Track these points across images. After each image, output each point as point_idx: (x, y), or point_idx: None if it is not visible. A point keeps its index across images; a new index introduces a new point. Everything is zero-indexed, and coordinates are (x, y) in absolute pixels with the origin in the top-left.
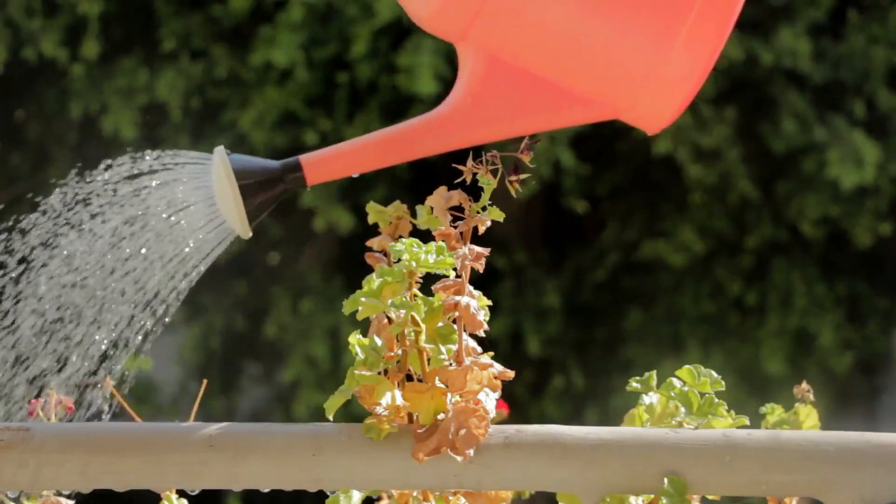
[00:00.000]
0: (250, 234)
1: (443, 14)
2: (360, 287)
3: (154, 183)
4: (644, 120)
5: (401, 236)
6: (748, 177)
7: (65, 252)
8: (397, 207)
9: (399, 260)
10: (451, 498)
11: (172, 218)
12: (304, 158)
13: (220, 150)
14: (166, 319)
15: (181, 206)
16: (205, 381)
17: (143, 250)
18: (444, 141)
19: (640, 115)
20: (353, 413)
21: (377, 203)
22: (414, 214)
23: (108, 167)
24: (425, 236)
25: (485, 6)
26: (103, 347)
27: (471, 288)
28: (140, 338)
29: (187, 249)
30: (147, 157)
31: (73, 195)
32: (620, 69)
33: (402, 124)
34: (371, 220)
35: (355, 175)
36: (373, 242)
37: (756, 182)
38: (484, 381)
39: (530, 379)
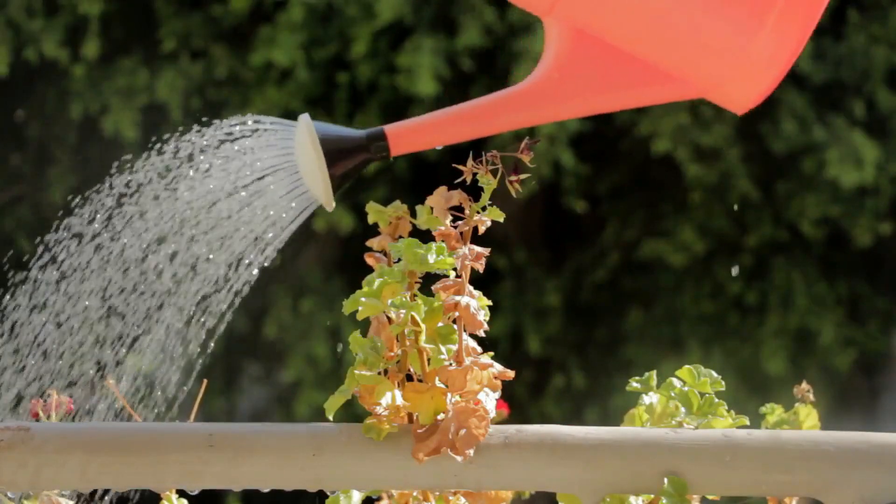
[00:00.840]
0: (333, 205)
1: None
2: (361, 287)
3: (236, 149)
4: (730, 99)
5: (401, 236)
6: (748, 177)
7: (150, 220)
8: (397, 207)
9: (399, 260)
10: (451, 498)
11: (255, 185)
12: (388, 128)
13: (305, 117)
14: (247, 286)
15: (264, 173)
16: (205, 381)
17: (227, 216)
18: (529, 115)
19: (726, 95)
20: (353, 413)
21: (377, 203)
22: (414, 214)
23: (197, 132)
24: (425, 236)
25: None
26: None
27: (471, 288)
28: (227, 304)
29: (269, 217)
30: (230, 124)
31: (161, 160)
32: (709, 47)
33: (487, 97)
34: (371, 220)
35: (438, 147)
36: (373, 242)
37: (756, 182)
38: (484, 381)
39: (530, 379)
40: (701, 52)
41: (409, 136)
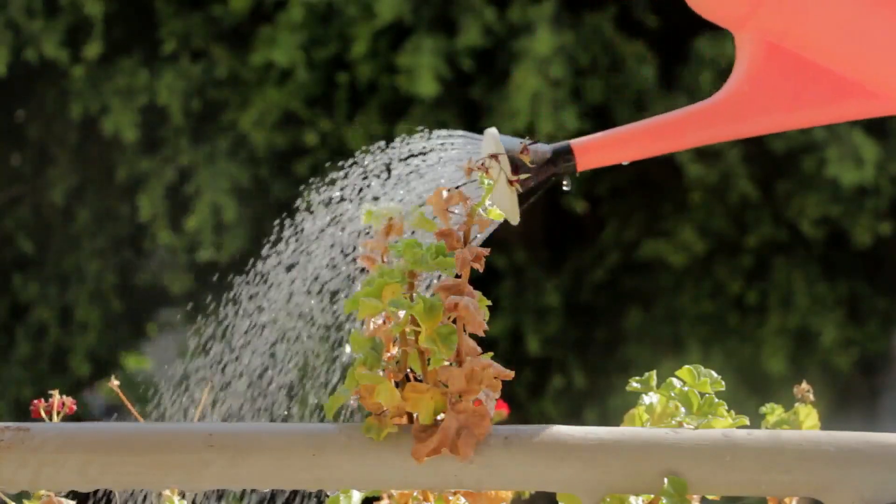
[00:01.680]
0: (518, 220)
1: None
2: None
3: (425, 163)
4: None
5: (396, 238)
6: (748, 177)
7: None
8: (391, 209)
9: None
10: (450, 498)
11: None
12: (575, 143)
13: (492, 130)
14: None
15: (451, 186)
16: (209, 384)
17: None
18: (720, 130)
19: None
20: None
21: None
22: None
23: (386, 147)
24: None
25: None
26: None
27: (471, 288)
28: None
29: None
30: (420, 137)
31: (353, 174)
32: None
33: (676, 112)
34: (365, 221)
35: (625, 163)
36: (367, 244)
37: (756, 182)
38: (484, 381)
39: (530, 379)
40: None
41: (596, 151)
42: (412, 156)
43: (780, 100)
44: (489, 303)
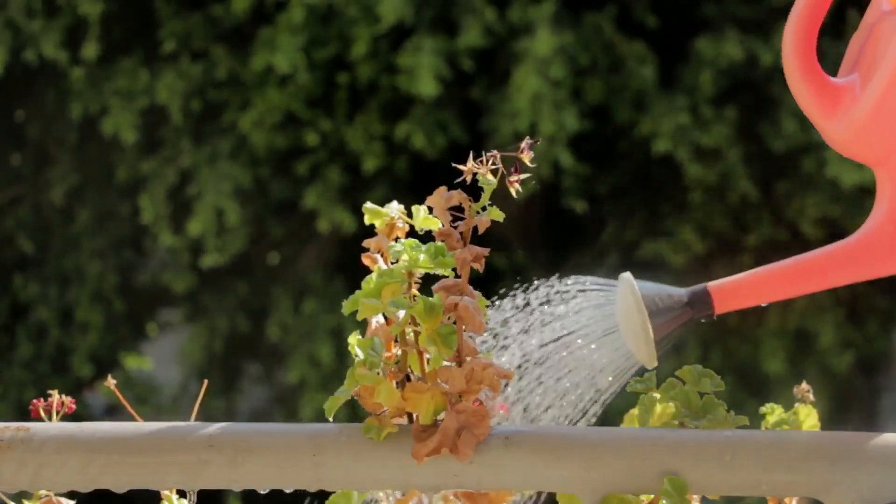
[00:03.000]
0: (655, 364)
1: (866, 137)
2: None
3: (561, 309)
4: None
5: (398, 237)
6: (748, 177)
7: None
8: (393, 208)
9: (398, 260)
10: (451, 498)
11: (579, 344)
12: (712, 286)
13: (627, 276)
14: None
15: (587, 332)
16: (205, 382)
17: (553, 378)
18: (862, 270)
19: None
20: (356, 413)
21: (377, 203)
22: (411, 215)
23: (530, 290)
24: (425, 236)
25: None
26: None
27: (471, 288)
28: None
29: (592, 377)
30: (556, 284)
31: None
32: None
33: (818, 252)
34: (367, 220)
35: (764, 304)
36: (369, 243)
37: (756, 182)
38: (484, 381)
39: None
40: None
41: (736, 294)
42: (548, 302)
43: None
44: (489, 303)
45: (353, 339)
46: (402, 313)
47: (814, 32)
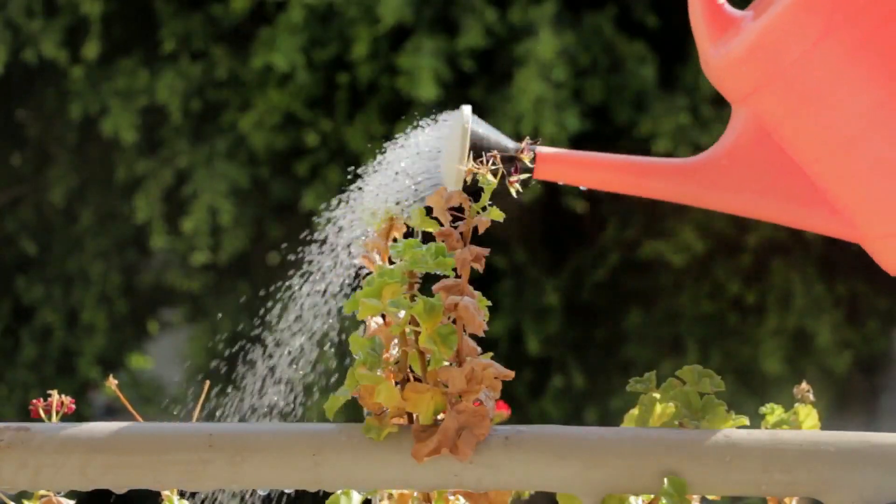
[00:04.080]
0: (457, 187)
1: (735, 70)
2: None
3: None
4: (881, 258)
5: (395, 238)
6: None
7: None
8: (390, 209)
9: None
10: (451, 498)
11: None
12: (540, 149)
13: (467, 109)
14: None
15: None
16: (207, 382)
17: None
18: (684, 190)
19: (881, 253)
20: (356, 414)
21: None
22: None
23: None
24: (425, 236)
25: (776, 81)
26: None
27: (471, 288)
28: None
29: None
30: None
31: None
32: (886, 201)
33: (648, 158)
34: (366, 223)
35: (583, 188)
36: (367, 244)
37: None
38: (484, 382)
39: (530, 379)
40: (876, 203)
41: (556, 163)
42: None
43: (751, 185)
44: (489, 303)
45: (354, 338)
46: (402, 313)
47: None
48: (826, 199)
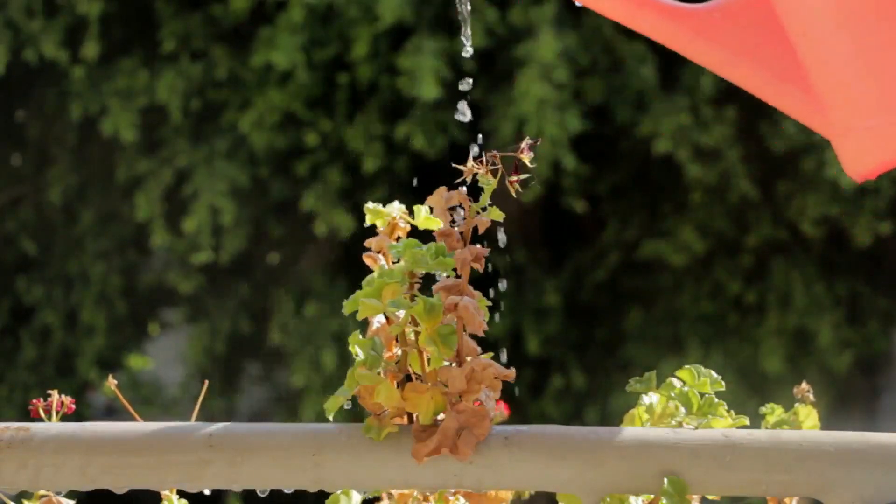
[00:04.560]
0: None
1: None
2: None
3: None
4: (844, 157)
5: (399, 237)
6: (748, 177)
7: None
8: (394, 208)
9: (398, 260)
10: (450, 498)
11: None
12: None
13: None
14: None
15: None
16: (206, 382)
17: None
18: (672, 33)
19: (843, 148)
20: (356, 414)
21: (377, 203)
22: (413, 214)
23: None
24: (425, 237)
25: None
26: None
27: (471, 288)
28: None
29: None
30: None
31: None
32: (864, 91)
33: None
34: (369, 220)
35: (578, 4)
36: (371, 243)
37: (756, 182)
38: (484, 381)
39: (530, 379)
40: (845, 90)
41: None
42: None
43: (736, 44)
44: (489, 303)
45: (354, 338)
46: (402, 313)
47: None
48: (805, 80)
